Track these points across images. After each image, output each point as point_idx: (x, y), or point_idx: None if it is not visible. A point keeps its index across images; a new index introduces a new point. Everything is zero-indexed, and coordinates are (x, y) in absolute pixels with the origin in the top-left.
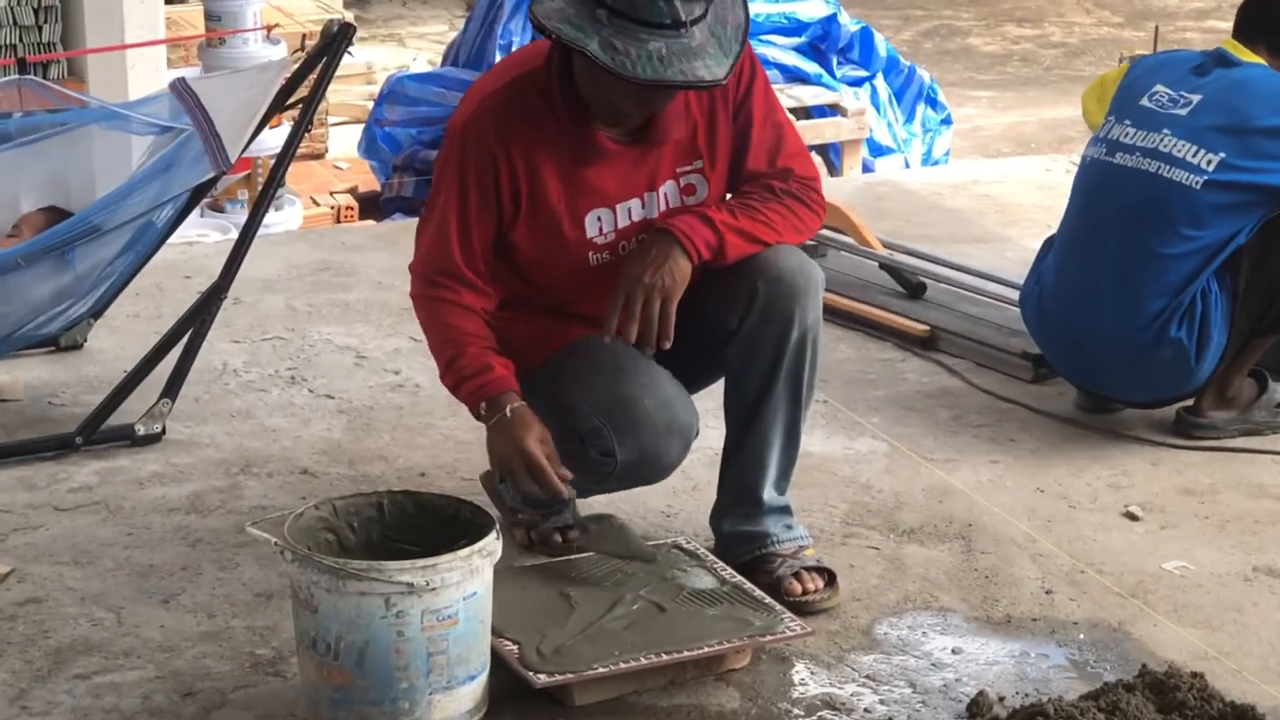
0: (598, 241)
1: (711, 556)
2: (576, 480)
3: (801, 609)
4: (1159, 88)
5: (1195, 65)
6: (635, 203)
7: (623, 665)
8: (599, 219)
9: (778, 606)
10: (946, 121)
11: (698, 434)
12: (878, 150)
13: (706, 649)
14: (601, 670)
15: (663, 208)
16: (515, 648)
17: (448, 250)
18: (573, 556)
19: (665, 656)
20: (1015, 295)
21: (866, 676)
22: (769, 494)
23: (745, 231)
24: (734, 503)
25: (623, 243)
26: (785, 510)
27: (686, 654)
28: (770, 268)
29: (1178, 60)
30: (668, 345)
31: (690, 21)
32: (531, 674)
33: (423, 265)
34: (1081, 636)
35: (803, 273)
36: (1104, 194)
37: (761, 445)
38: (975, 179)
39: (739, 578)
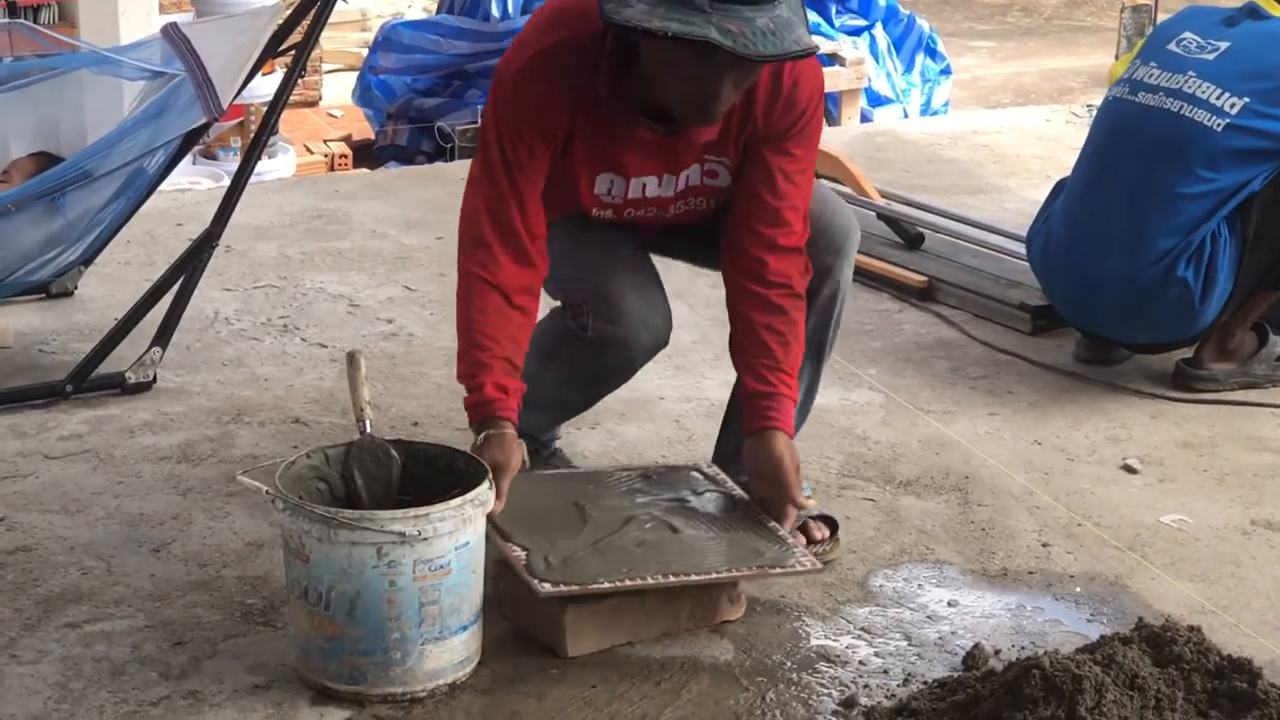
0: (603, 199)
1: (731, 483)
2: (558, 371)
3: None
4: (1187, 34)
5: (1225, 17)
6: (652, 179)
7: (628, 582)
8: (610, 182)
9: (790, 540)
10: (946, 72)
11: (666, 343)
12: (876, 100)
13: (715, 575)
14: (606, 585)
15: (681, 187)
16: (523, 554)
17: (503, 206)
18: (596, 468)
19: (672, 578)
20: (1014, 246)
21: (862, 629)
22: None
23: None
24: (739, 455)
25: (629, 210)
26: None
27: (695, 577)
28: (816, 219)
29: (1208, 12)
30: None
31: None
32: (536, 582)
33: (472, 225)
34: (1078, 589)
35: (845, 230)
36: (1123, 131)
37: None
38: (974, 129)
39: (756, 508)
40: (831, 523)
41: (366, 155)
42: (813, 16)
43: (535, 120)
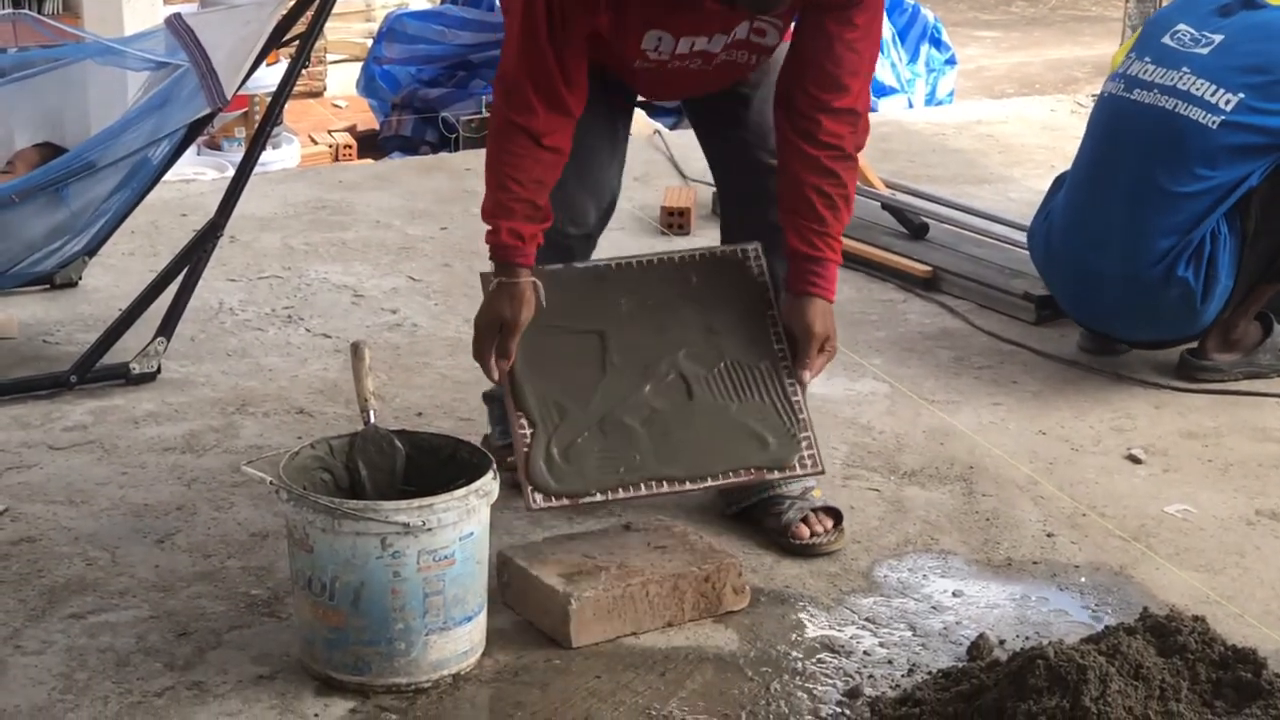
0: (649, 54)
1: (761, 263)
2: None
3: (808, 552)
4: (1182, 26)
5: (1220, 6)
6: (702, 39)
7: (621, 494)
8: (659, 39)
9: (800, 419)
10: (950, 62)
11: (613, 206)
12: (881, 90)
13: (710, 482)
14: (598, 498)
15: (725, 43)
16: (528, 433)
17: (541, 64)
18: (640, 260)
19: (665, 486)
20: (1019, 236)
21: (866, 619)
22: None
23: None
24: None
25: (673, 63)
26: None
27: (688, 486)
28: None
29: (1194, 6)
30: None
31: None
32: (530, 491)
33: (506, 65)
34: (1083, 580)
35: None
36: (1119, 130)
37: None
38: (979, 119)
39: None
40: (836, 514)
41: (371, 146)
42: None
43: None
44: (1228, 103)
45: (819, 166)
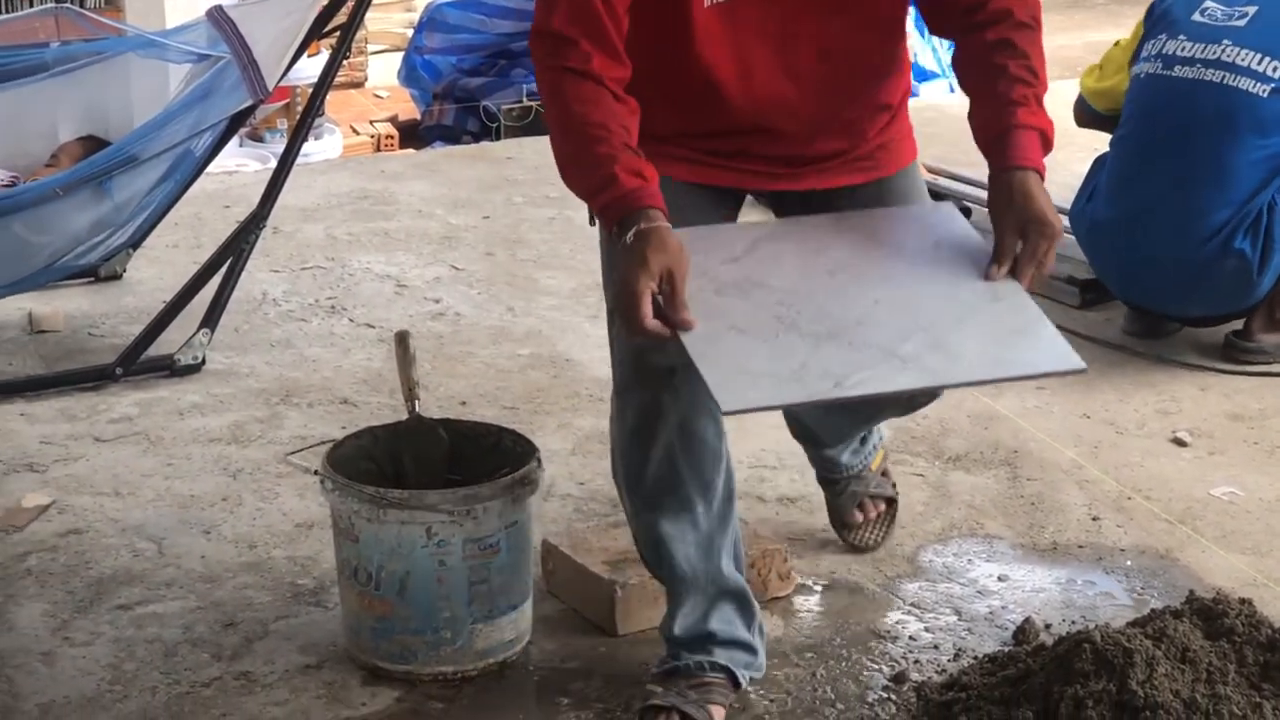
0: None
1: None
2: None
3: (857, 545)
4: (1209, 3)
5: None
6: None
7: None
8: None
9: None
10: None
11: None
12: (923, 75)
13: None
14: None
15: None
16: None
17: (589, 7)
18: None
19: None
20: (1062, 219)
21: (911, 604)
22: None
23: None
24: (801, 435)
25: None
26: (860, 439)
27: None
28: None
29: None
30: None
31: None
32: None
33: (547, 20)
34: (1129, 563)
35: None
36: (1162, 108)
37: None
38: None
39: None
40: (890, 500)
41: (412, 136)
42: None
43: None
44: (1275, 70)
45: (994, 43)
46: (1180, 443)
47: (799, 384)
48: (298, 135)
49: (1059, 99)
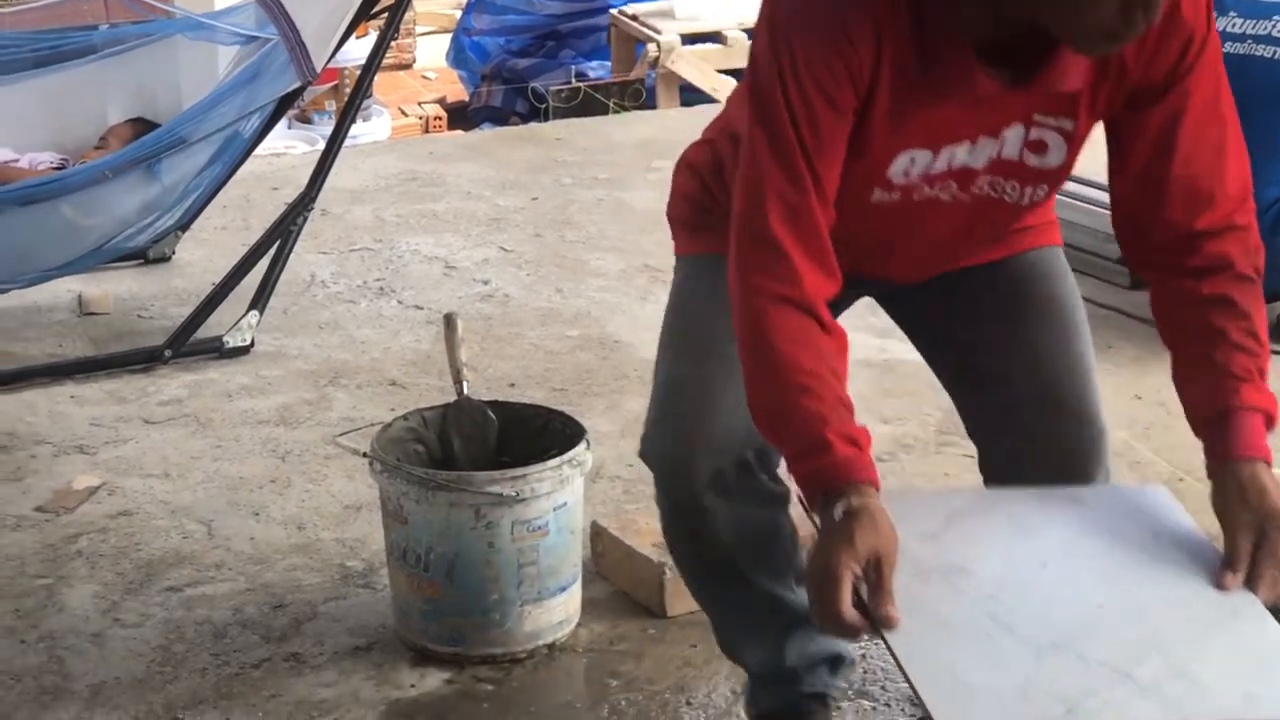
0: (894, 181)
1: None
2: None
3: None
4: None
5: None
6: (963, 148)
7: None
8: (911, 160)
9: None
10: None
11: (744, 467)
12: None
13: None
14: None
15: (991, 156)
16: None
17: (797, 186)
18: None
19: None
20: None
21: None
22: None
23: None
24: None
25: (924, 187)
26: None
27: None
28: (1048, 382)
29: None
30: None
31: None
32: None
33: (758, 217)
34: None
35: (1091, 413)
36: None
37: None
38: None
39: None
40: None
41: (460, 117)
42: None
43: (841, 48)
44: None
45: (1215, 299)
46: None
47: (1025, 703)
48: (346, 117)
49: None
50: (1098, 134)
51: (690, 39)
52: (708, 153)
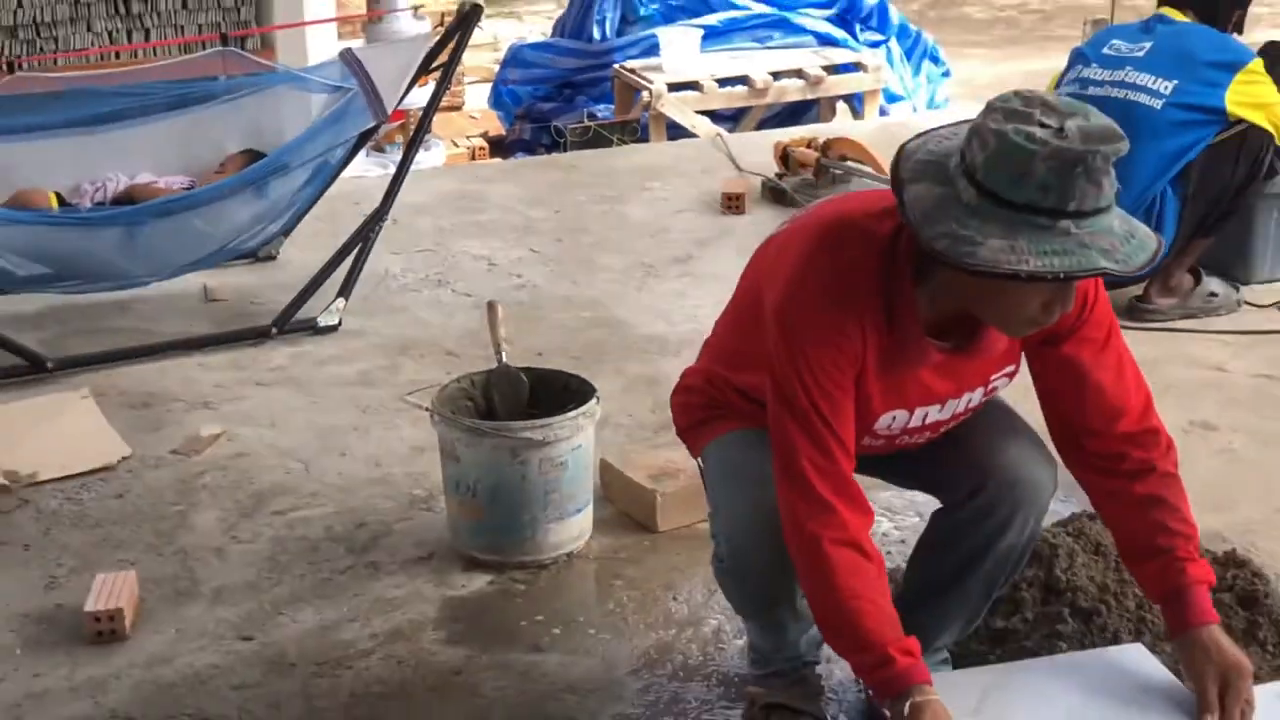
0: (879, 431)
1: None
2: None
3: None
4: (1115, 41)
5: (1142, 26)
6: (935, 407)
7: None
8: (893, 418)
9: None
10: (946, 74)
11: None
12: (891, 98)
13: None
14: None
15: (957, 411)
16: None
17: (829, 457)
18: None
19: None
20: None
21: (885, 509)
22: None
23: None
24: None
25: (903, 438)
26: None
27: None
28: (1006, 468)
29: (1124, 27)
30: None
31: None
32: None
33: (801, 484)
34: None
35: (1035, 485)
36: None
37: (936, 622)
38: (968, 118)
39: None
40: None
41: (499, 148)
42: (842, 33)
43: (844, 351)
44: (1166, 88)
45: (1150, 499)
46: None
47: None
48: (411, 148)
49: None
50: None
51: (674, 87)
52: (701, 377)
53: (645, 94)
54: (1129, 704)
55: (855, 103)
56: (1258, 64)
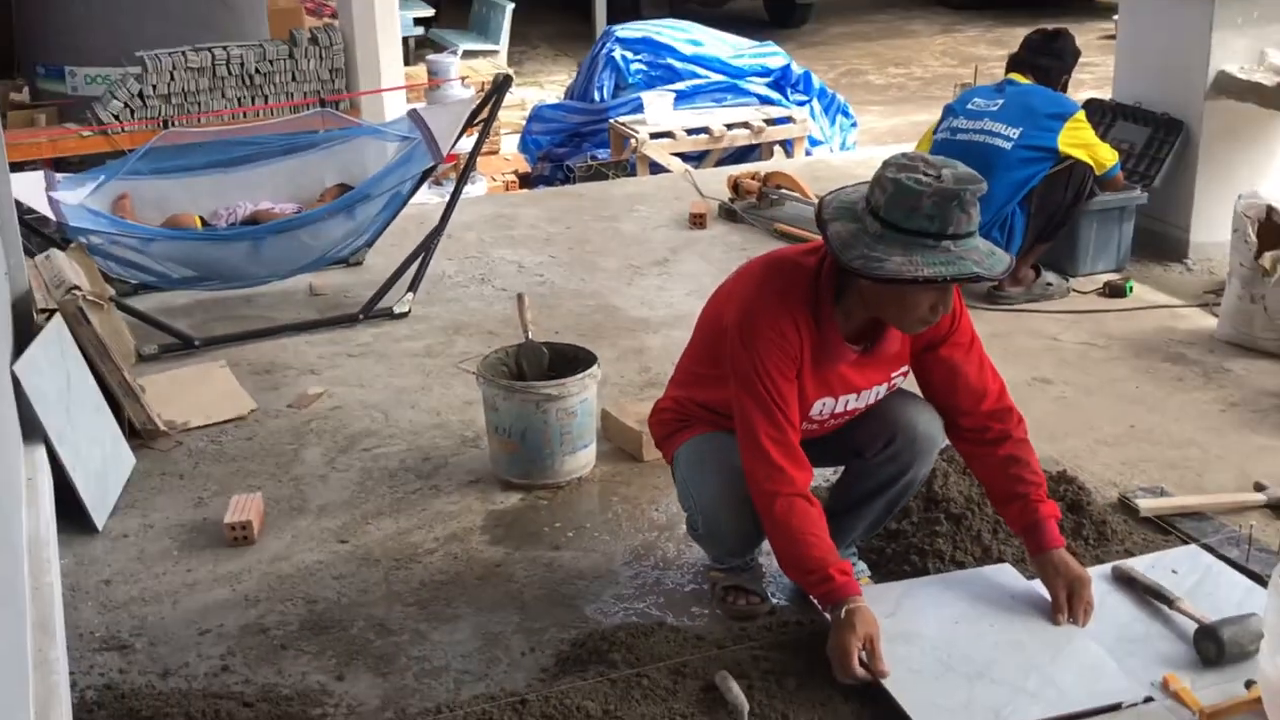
0: (814, 417)
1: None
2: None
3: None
4: (976, 99)
5: (995, 87)
6: (853, 396)
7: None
8: (824, 405)
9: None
10: (853, 125)
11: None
12: (814, 143)
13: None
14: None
15: (871, 400)
16: None
17: (781, 432)
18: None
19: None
20: None
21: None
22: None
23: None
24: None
25: (831, 421)
26: (851, 551)
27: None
28: (909, 425)
29: (983, 88)
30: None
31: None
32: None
33: (763, 449)
34: None
35: (930, 438)
36: (952, 155)
37: (849, 527)
38: (870, 157)
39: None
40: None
41: (526, 182)
42: (778, 95)
43: (787, 348)
44: (1015, 134)
45: (1009, 459)
46: None
47: (969, 713)
48: (461, 182)
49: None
50: None
51: (654, 135)
52: (670, 401)
53: (633, 141)
54: (1001, 606)
55: (787, 146)
56: (1081, 115)
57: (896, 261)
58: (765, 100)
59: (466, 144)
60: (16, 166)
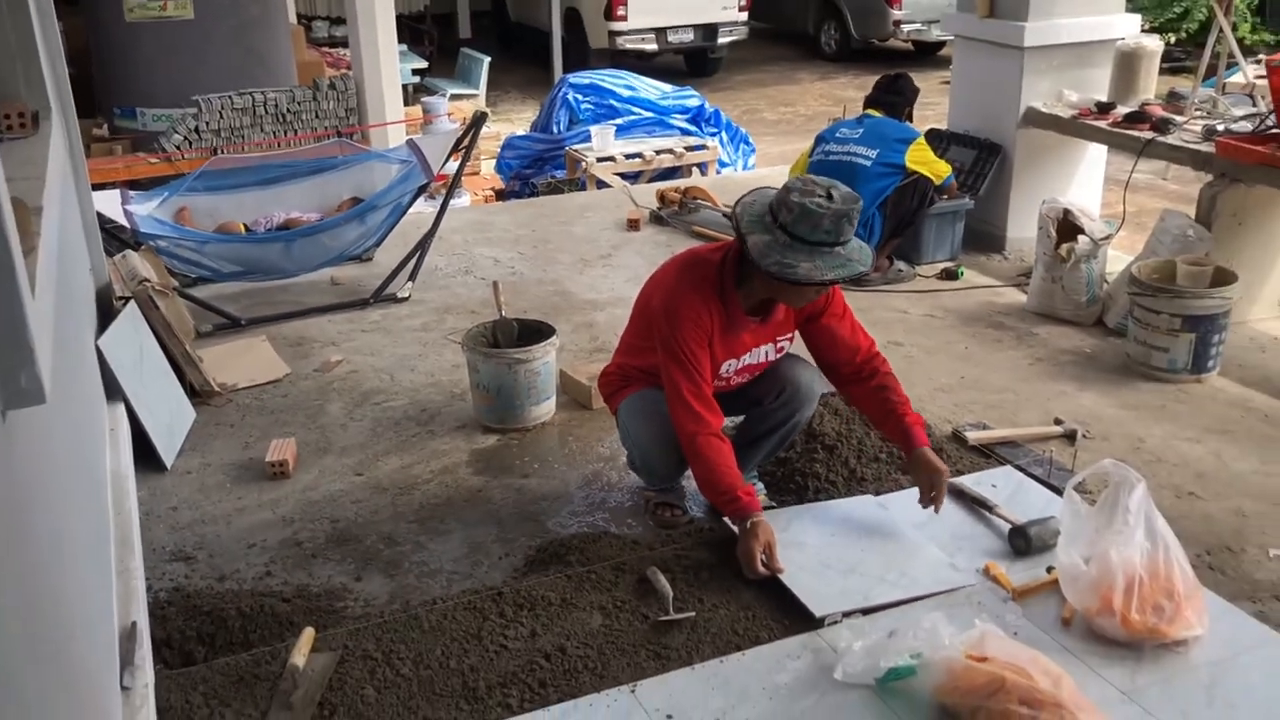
0: (723, 375)
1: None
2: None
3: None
4: (842, 130)
5: (856, 119)
6: (748, 356)
7: (857, 605)
8: (730, 365)
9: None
10: (752, 150)
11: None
12: (723, 165)
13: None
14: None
15: (763, 359)
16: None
17: (699, 387)
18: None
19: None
20: None
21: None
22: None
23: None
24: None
25: (735, 379)
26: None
27: (902, 597)
28: (796, 380)
29: (846, 121)
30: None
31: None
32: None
33: (686, 401)
34: None
35: (811, 389)
36: (826, 171)
37: (751, 458)
38: (766, 175)
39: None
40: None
41: (501, 195)
42: (694, 128)
43: (700, 325)
44: (872, 154)
45: (879, 387)
46: None
47: (845, 598)
48: (449, 196)
49: (783, 172)
50: None
51: (600, 159)
52: (615, 366)
53: (584, 163)
54: (865, 523)
55: (702, 167)
56: (922, 139)
57: (805, 268)
58: (685, 132)
59: (453, 166)
60: (98, 187)
